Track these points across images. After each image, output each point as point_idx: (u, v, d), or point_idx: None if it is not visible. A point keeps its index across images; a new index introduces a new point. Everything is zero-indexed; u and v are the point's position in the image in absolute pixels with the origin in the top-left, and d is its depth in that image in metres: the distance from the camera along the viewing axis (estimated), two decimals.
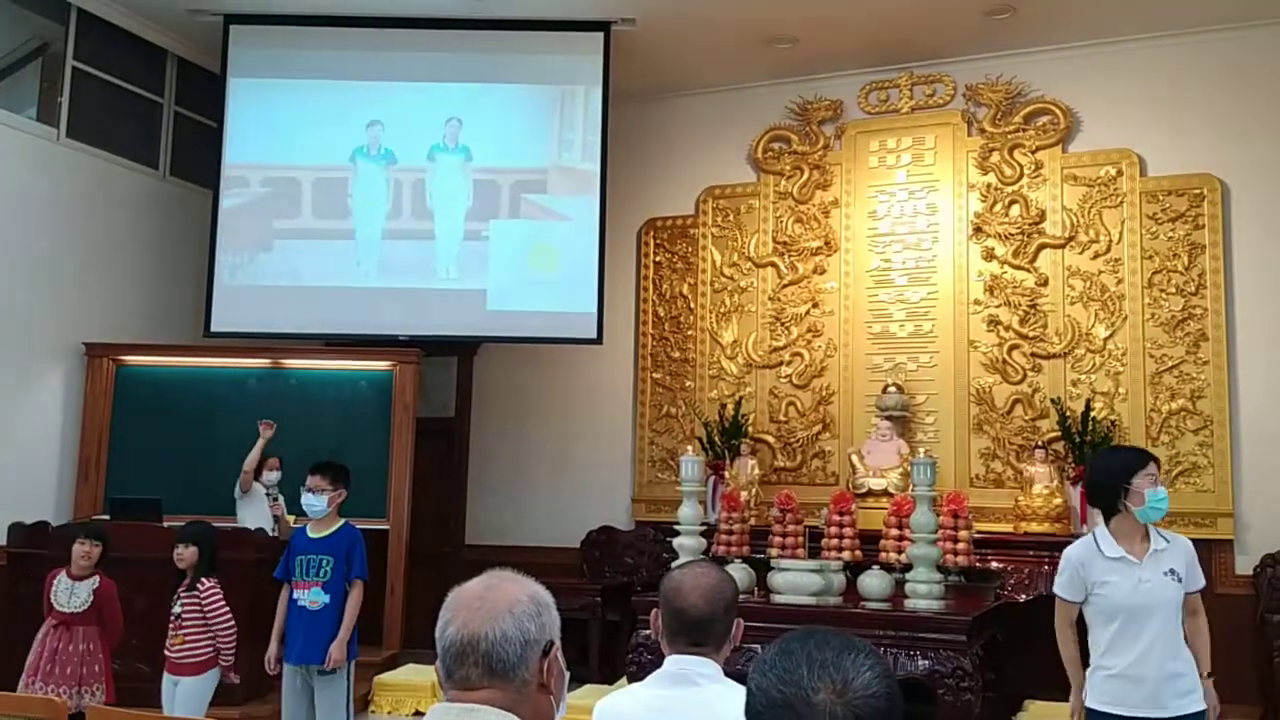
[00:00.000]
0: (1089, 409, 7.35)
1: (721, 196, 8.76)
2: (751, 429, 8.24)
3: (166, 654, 4.92)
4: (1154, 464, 3.62)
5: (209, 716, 4.74)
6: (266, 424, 6.81)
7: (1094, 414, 7.33)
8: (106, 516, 6.83)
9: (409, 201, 8.06)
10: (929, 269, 8.04)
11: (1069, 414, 7.40)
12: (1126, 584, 3.53)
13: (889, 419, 7.73)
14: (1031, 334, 7.72)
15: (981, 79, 8.03)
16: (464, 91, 8.12)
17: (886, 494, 7.29)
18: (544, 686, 1.53)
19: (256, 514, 6.86)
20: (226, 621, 4.91)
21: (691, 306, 8.75)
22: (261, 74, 8.13)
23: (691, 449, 6.57)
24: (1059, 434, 7.42)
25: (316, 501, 4.94)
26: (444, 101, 8.12)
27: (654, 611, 2.41)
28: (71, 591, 5.00)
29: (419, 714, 6.50)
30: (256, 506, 6.90)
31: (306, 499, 4.97)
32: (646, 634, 5.56)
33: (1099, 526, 3.69)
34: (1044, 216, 7.79)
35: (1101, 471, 3.76)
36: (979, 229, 7.91)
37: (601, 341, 8.04)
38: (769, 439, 8.33)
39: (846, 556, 5.97)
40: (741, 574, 5.77)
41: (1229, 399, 7.22)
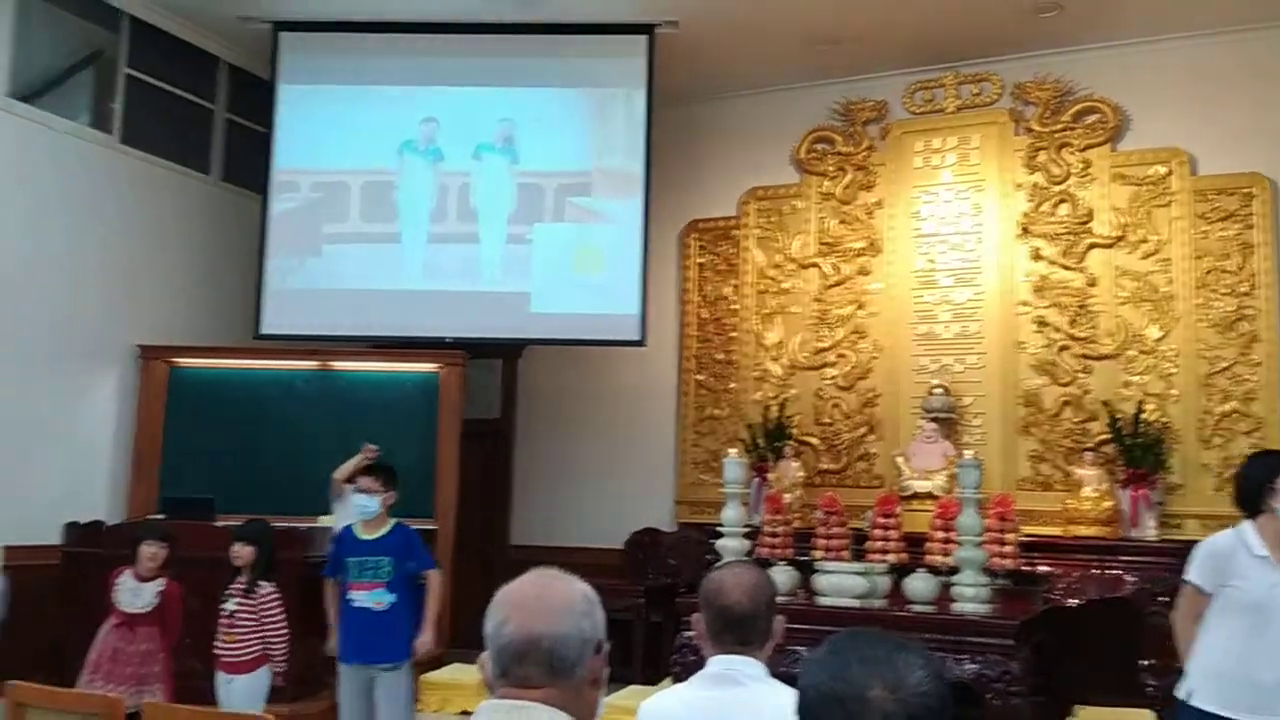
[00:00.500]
0: (1140, 411, 7.25)
1: (765, 198, 8.74)
2: (795, 431, 8.22)
3: (217, 652, 4.99)
4: None
5: (261, 714, 4.81)
6: (372, 450, 6.83)
7: (1145, 416, 7.23)
8: (161, 516, 6.95)
9: (454, 205, 8.13)
10: (974, 269, 7.97)
11: (1119, 416, 7.30)
12: (1262, 585, 3.53)
13: (934, 421, 7.67)
14: (1081, 335, 7.62)
15: (1029, 77, 7.95)
16: (508, 95, 8.18)
17: (932, 497, 7.23)
18: (594, 683, 1.55)
19: (345, 516, 6.95)
20: (280, 628, 4.96)
21: (735, 308, 8.75)
22: (310, 80, 8.24)
23: (735, 451, 6.55)
24: (1109, 436, 7.32)
25: (370, 503, 4.99)
26: (489, 105, 8.18)
27: (695, 615, 2.42)
28: (136, 592, 5.06)
29: (466, 713, 6.53)
30: (347, 509, 6.98)
31: (359, 500, 5.02)
32: (690, 634, 5.56)
33: (1245, 523, 3.71)
34: (1092, 216, 7.69)
35: (1248, 472, 3.84)
36: (1026, 229, 7.83)
37: (645, 343, 8.05)
38: (813, 441, 8.30)
39: (891, 559, 5.94)
40: (785, 576, 5.75)
41: None
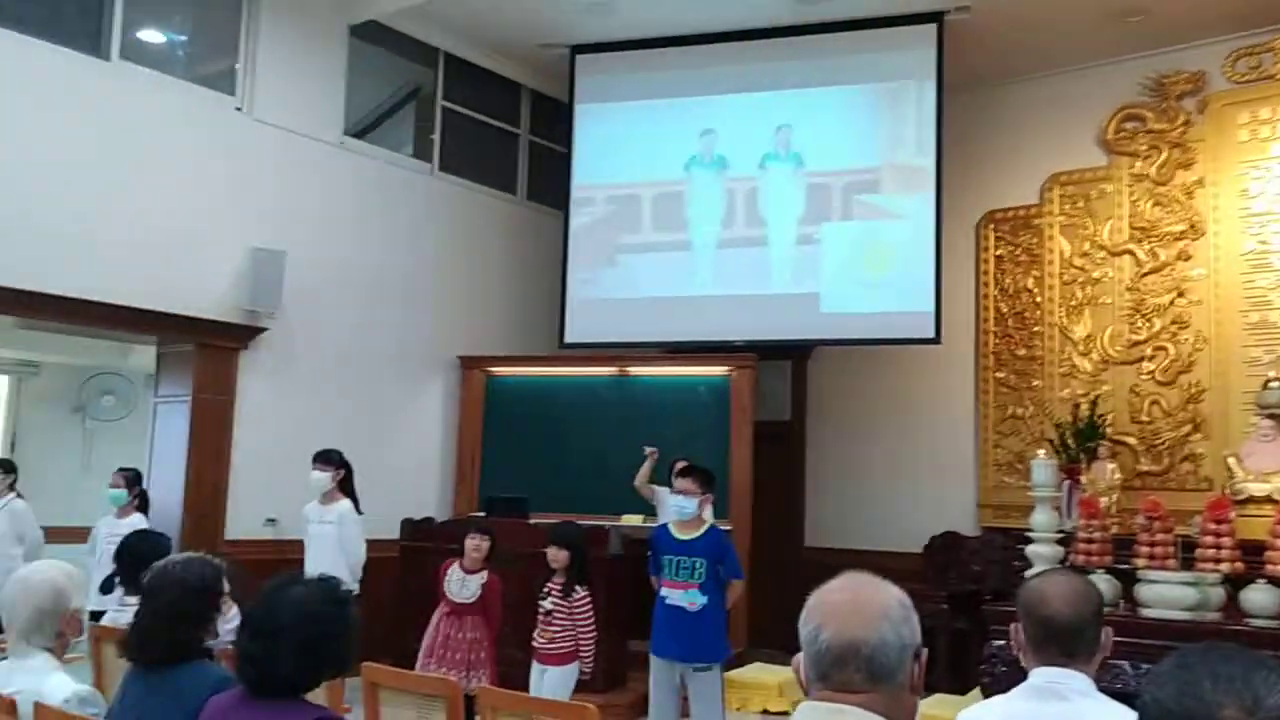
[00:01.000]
0: None
1: (1069, 183, 8.26)
2: (1110, 430, 7.69)
3: (535, 644, 5.31)
4: None
5: (576, 702, 5.08)
6: (652, 451, 7.13)
7: None
8: (482, 513, 7.50)
9: (742, 210, 8.24)
10: None
11: None
12: None
13: (1272, 418, 6.94)
14: None
15: None
16: (793, 97, 8.19)
17: (1270, 501, 6.55)
18: (913, 689, 1.55)
19: (665, 512, 7.25)
20: (590, 630, 5.20)
21: (1038, 301, 8.31)
22: (603, 98, 8.62)
23: (1043, 452, 6.24)
24: None
25: (687, 504, 5.12)
26: (774, 109, 8.23)
27: (1013, 625, 2.33)
28: (463, 583, 5.47)
29: (767, 712, 6.62)
30: (665, 509, 7.27)
31: (676, 501, 5.15)
32: (1000, 644, 5.35)
33: None
34: None
35: None
36: None
37: (940, 341, 7.82)
38: (1130, 441, 7.73)
39: (1225, 568, 5.42)
40: (1105, 585, 5.40)
41: None
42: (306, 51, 7.65)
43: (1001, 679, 5.15)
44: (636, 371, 8.39)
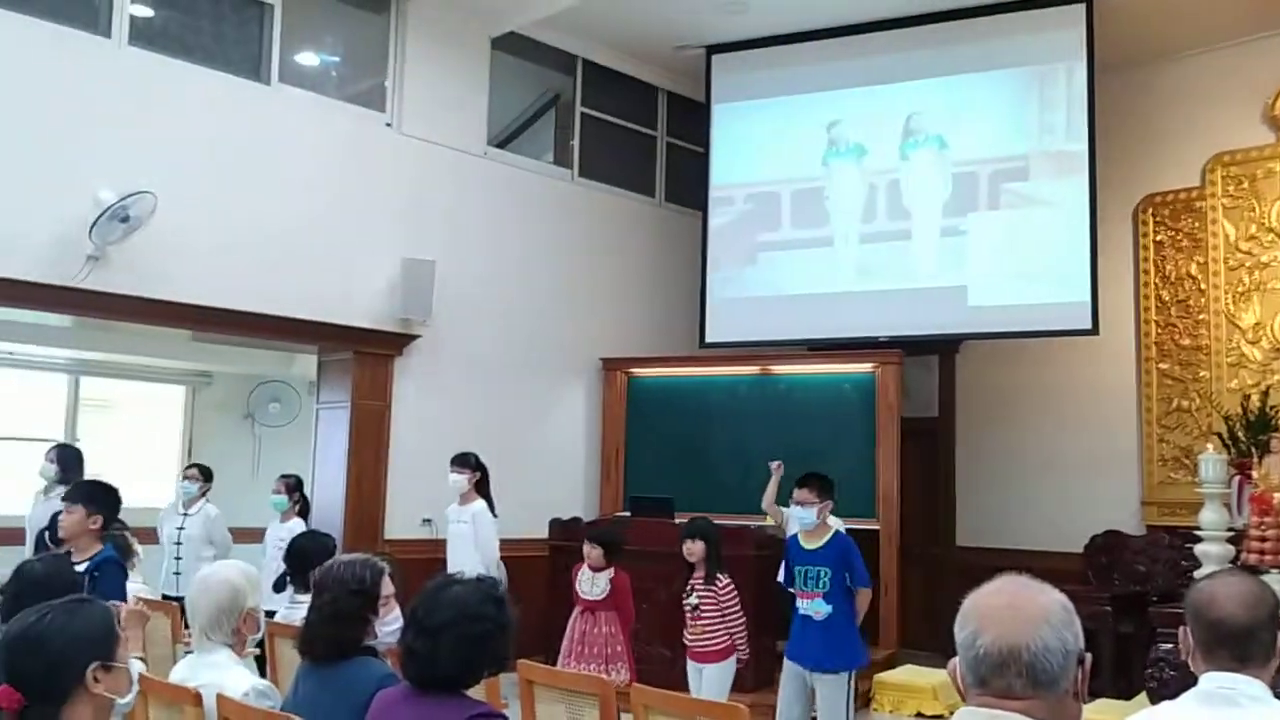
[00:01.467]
0: None
1: (1233, 163, 7.83)
2: None
3: (687, 643, 5.35)
4: None
5: (728, 703, 5.09)
6: (777, 465, 7.04)
7: None
8: (627, 514, 7.60)
9: (884, 203, 8.10)
10: None
11: None
12: None
13: None
14: None
15: None
16: (934, 86, 8.01)
17: None
18: (1076, 696, 1.51)
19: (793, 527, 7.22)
20: (740, 617, 5.21)
21: (1202, 288, 7.91)
22: (739, 97, 8.61)
23: (1211, 446, 5.94)
24: None
25: (806, 514, 5.11)
26: (913, 98, 8.07)
27: (1181, 629, 2.24)
28: (592, 581, 5.65)
29: (921, 715, 6.50)
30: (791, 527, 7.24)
31: (797, 512, 5.15)
32: (1168, 648, 5.13)
33: None
34: None
35: None
36: None
37: (1097, 332, 7.51)
38: None
39: None
40: (1278, 585, 5.11)
41: None
42: (451, 66, 7.89)
43: (1169, 684, 4.93)
44: (779, 370, 8.35)
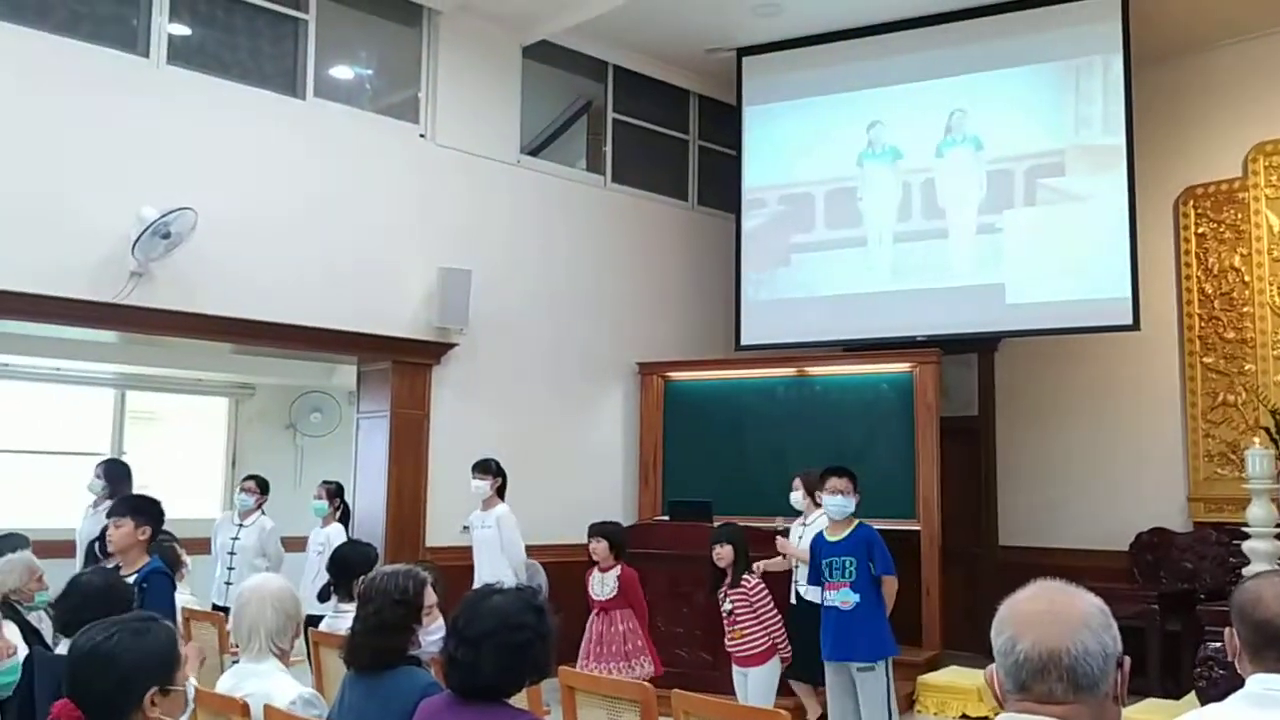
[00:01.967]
0: None
1: (1275, 153, 7.70)
2: None
3: (729, 649, 5.35)
4: None
5: (773, 709, 5.08)
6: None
7: None
8: (666, 518, 7.60)
9: (918, 201, 8.06)
10: None
11: None
12: None
13: None
14: None
15: None
16: (968, 83, 7.95)
17: None
18: (1116, 699, 1.50)
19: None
20: (776, 616, 5.22)
21: (1246, 280, 7.78)
22: (771, 99, 8.59)
23: (1258, 440, 5.85)
24: None
25: (847, 503, 5.12)
26: (947, 96, 8.01)
27: (1227, 629, 2.22)
28: (601, 582, 5.71)
29: (966, 717, 6.45)
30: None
31: (835, 501, 5.14)
32: (1216, 646, 5.05)
33: None
34: None
35: None
36: None
37: (1139, 327, 7.42)
38: None
39: None
40: None
41: None
42: (483, 76, 7.95)
43: (1219, 683, 4.86)
44: (815, 371, 8.32)
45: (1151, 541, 7.85)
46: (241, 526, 6.84)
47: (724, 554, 5.36)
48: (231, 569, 6.74)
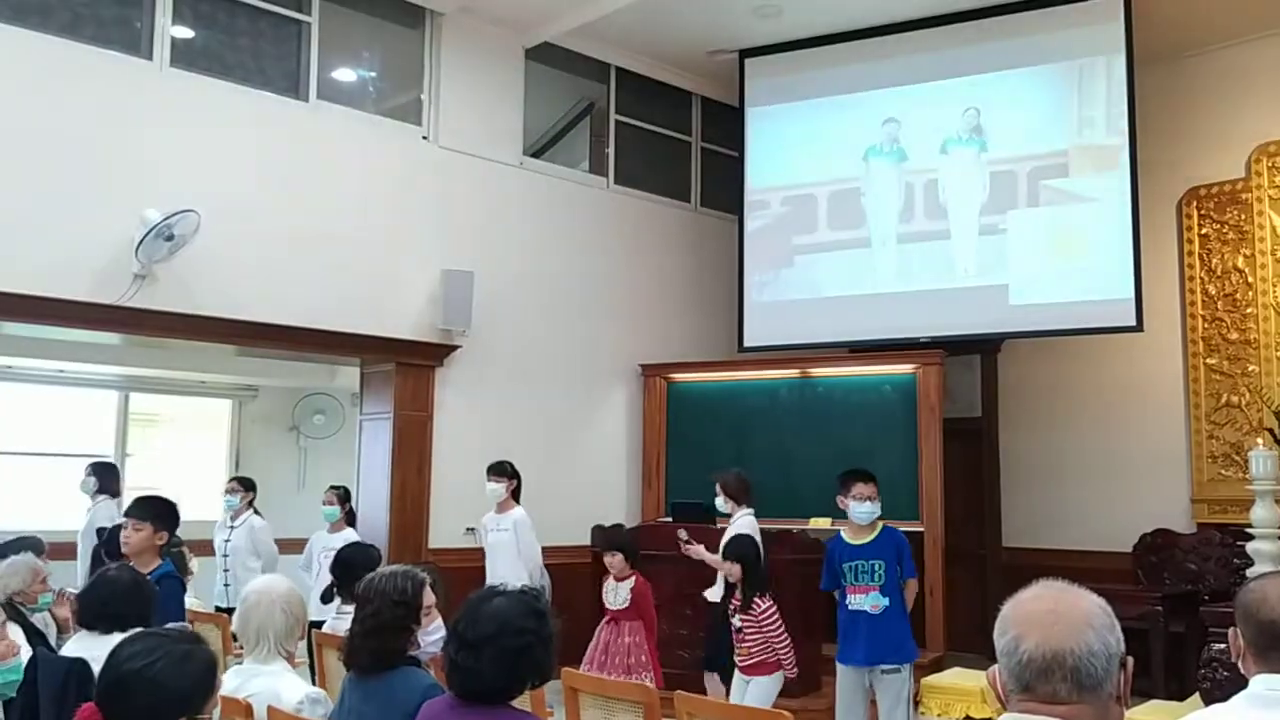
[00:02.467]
0: None
1: (1279, 153, 7.69)
2: None
3: (735, 659, 5.32)
4: None
5: (773, 710, 5.07)
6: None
7: None
8: (668, 519, 7.59)
9: (921, 203, 8.05)
10: None
11: None
12: None
13: None
14: None
15: None
16: (973, 84, 7.94)
17: None
18: (1120, 699, 1.50)
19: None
20: (783, 639, 5.16)
21: (1249, 280, 7.77)
22: (774, 100, 8.59)
23: (1261, 442, 5.84)
24: None
25: (875, 507, 5.11)
26: (950, 97, 8.00)
27: (1231, 630, 2.21)
28: (615, 591, 5.67)
29: (969, 719, 6.43)
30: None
31: (861, 506, 5.12)
32: (1220, 648, 5.04)
33: None
34: None
35: None
36: None
37: (1142, 328, 7.41)
38: None
39: None
40: None
41: None
42: (485, 78, 7.95)
43: (1223, 684, 4.85)
44: (818, 372, 8.31)
45: (1155, 543, 7.85)
46: (232, 528, 6.88)
47: (732, 571, 5.28)
48: (227, 570, 6.79)
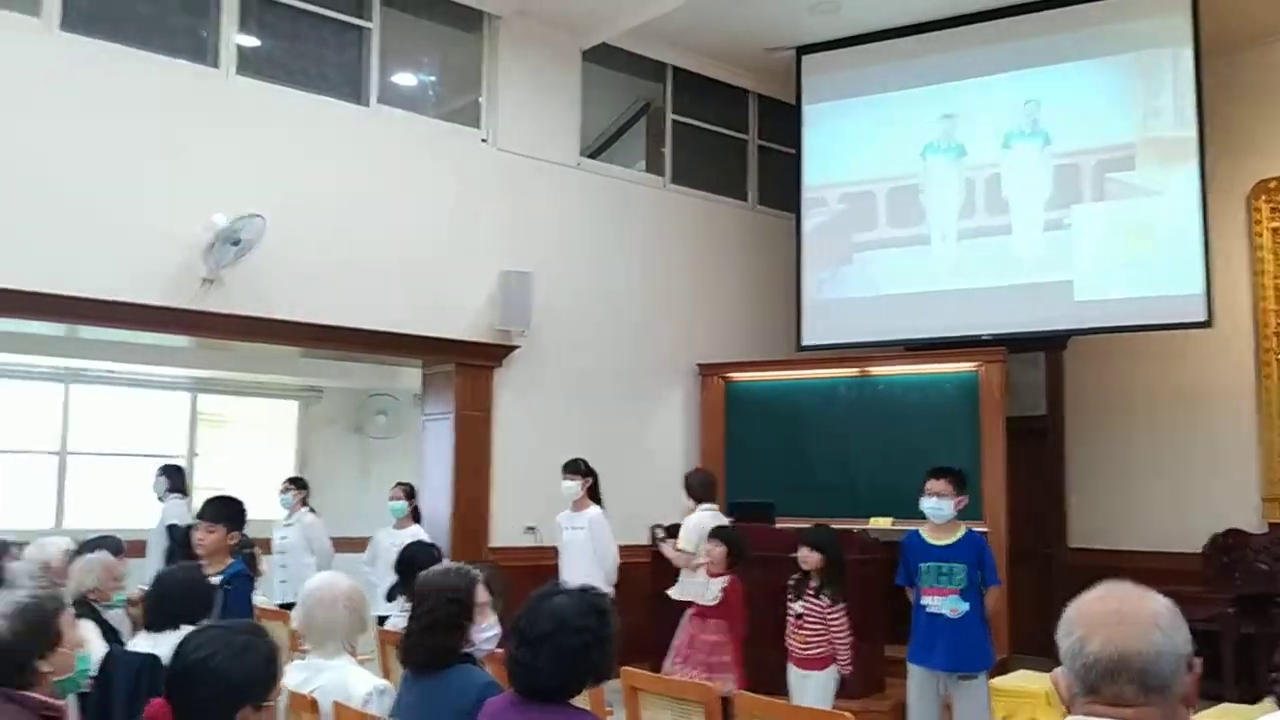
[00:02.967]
0: None
1: None
2: None
3: (788, 646, 5.31)
4: None
5: (834, 710, 5.04)
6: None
7: None
8: (729, 519, 7.57)
9: (982, 198, 7.94)
10: None
11: None
12: None
13: None
14: None
15: None
16: (1035, 77, 7.81)
17: None
18: (1187, 701, 1.48)
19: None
20: (845, 636, 5.13)
21: None
22: (832, 97, 8.54)
23: None
24: None
25: (941, 505, 5.03)
26: (1014, 90, 7.88)
27: None
28: (706, 586, 5.60)
29: None
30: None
31: (931, 504, 5.06)
32: None
33: None
34: None
35: None
36: None
37: (1211, 324, 7.24)
38: None
39: None
40: None
41: None
42: (543, 80, 8.01)
43: None
44: (878, 371, 8.23)
45: (1226, 543, 7.67)
46: (288, 526, 7.04)
47: (810, 559, 5.21)
48: (284, 567, 6.94)
